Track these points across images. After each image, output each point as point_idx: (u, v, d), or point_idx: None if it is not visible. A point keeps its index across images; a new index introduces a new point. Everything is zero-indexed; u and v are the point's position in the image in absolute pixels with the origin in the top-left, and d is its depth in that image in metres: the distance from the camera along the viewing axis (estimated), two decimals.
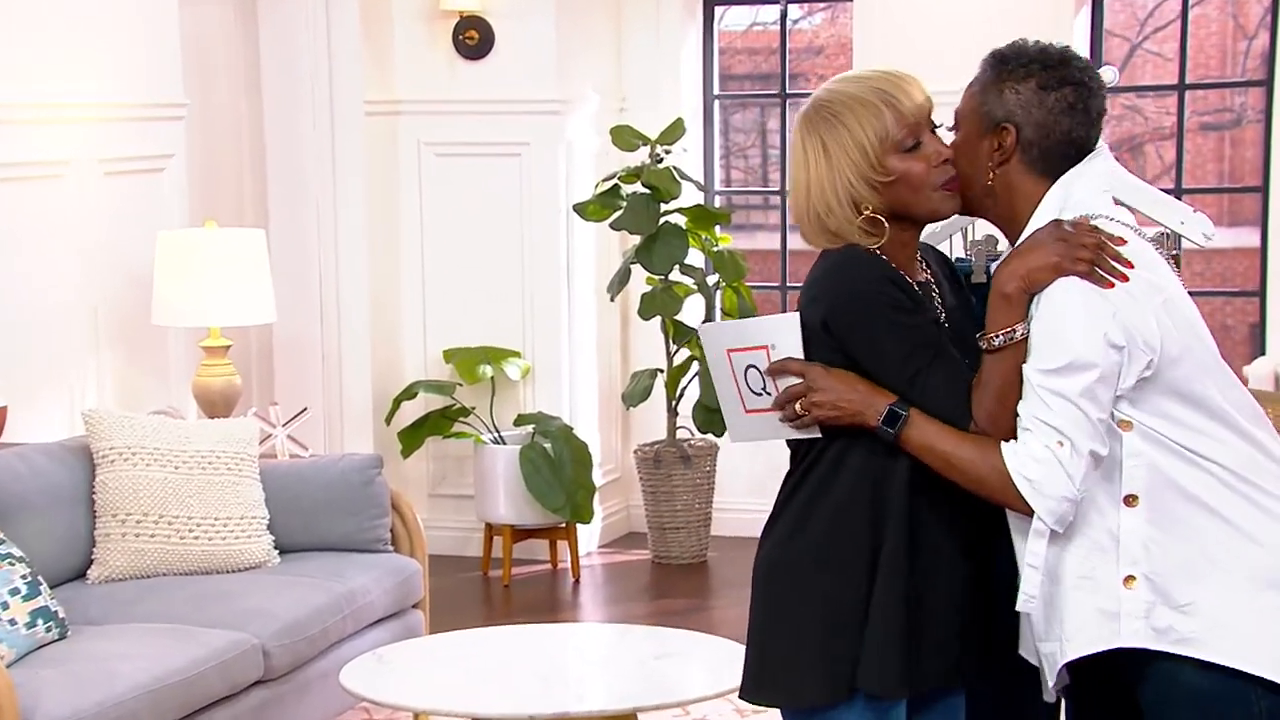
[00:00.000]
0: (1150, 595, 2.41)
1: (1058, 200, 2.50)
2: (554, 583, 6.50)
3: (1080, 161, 2.52)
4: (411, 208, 6.78)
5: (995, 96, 2.52)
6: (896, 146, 2.50)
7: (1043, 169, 2.51)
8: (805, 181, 2.54)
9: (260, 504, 4.66)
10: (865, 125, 2.50)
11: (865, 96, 2.51)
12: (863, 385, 2.49)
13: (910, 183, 2.51)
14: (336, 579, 4.52)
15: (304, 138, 6.19)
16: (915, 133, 2.52)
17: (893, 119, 2.50)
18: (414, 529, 4.91)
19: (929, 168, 2.52)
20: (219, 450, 4.62)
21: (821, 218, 2.54)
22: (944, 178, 2.53)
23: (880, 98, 2.51)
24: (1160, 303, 2.41)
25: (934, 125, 2.56)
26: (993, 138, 2.51)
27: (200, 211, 5.66)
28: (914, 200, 2.52)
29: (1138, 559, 2.41)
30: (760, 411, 2.56)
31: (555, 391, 6.72)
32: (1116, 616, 2.41)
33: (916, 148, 2.51)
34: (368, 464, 4.85)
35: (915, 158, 2.51)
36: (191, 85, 5.67)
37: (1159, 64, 11.04)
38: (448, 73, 6.72)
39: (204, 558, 4.51)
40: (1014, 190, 2.52)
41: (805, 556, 2.54)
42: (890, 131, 2.50)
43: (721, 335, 2.59)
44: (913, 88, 2.54)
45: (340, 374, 6.30)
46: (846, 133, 2.50)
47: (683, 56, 7.14)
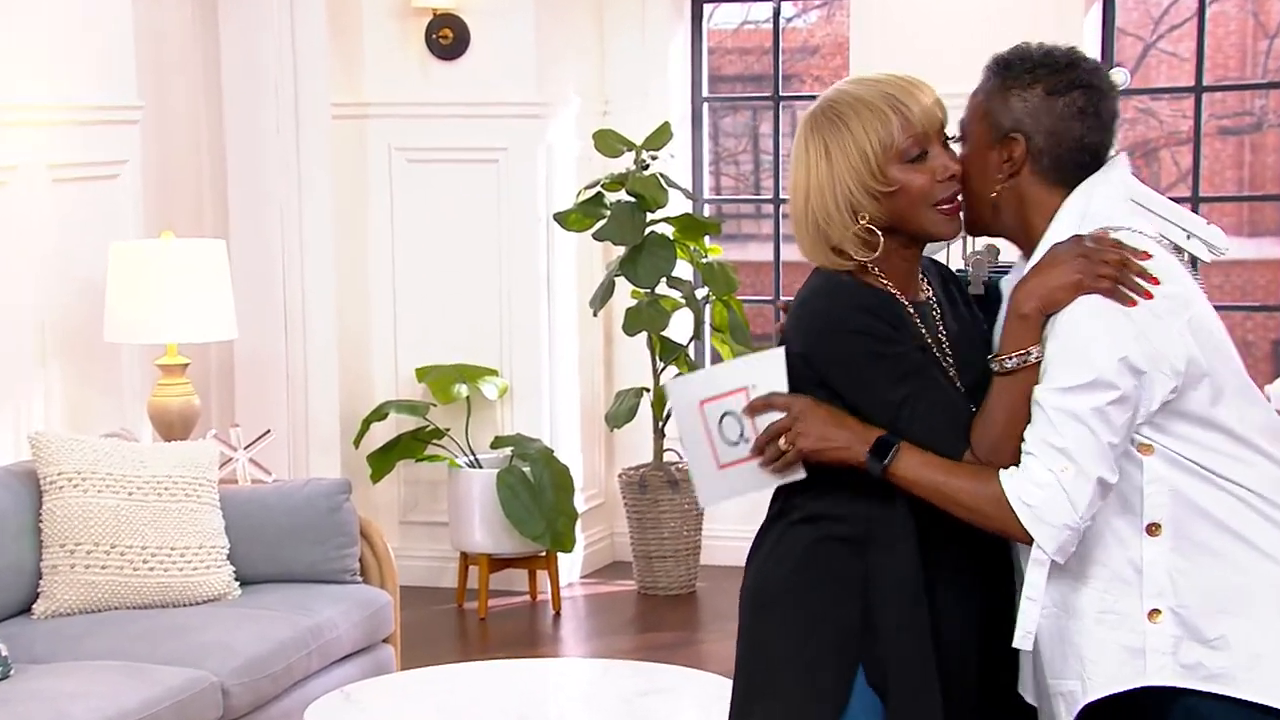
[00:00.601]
0: (1177, 630, 2.40)
1: (1077, 211, 2.49)
2: (533, 615, 6.49)
3: (1096, 168, 2.51)
4: (382, 217, 6.77)
5: (1001, 104, 2.52)
6: (900, 156, 2.50)
7: (1056, 179, 2.50)
8: (805, 185, 2.54)
9: (220, 532, 4.64)
10: (869, 130, 2.50)
11: (873, 100, 2.51)
12: (850, 419, 2.49)
13: (910, 195, 2.51)
14: (301, 612, 4.50)
15: (267, 142, 6.18)
16: (922, 143, 2.51)
17: (899, 126, 2.50)
18: (384, 558, 4.90)
19: (932, 182, 2.52)
20: (176, 475, 4.60)
21: (820, 225, 2.54)
22: (947, 194, 2.53)
23: (888, 103, 2.51)
24: (1186, 320, 2.40)
25: (946, 138, 2.56)
26: (1001, 148, 2.51)
27: (156, 221, 5.65)
28: (912, 215, 2.52)
29: (1163, 591, 2.40)
30: (736, 463, 2.56)
31: (535, 412, 6.71)
32: (1141, 653, 2.40)
33: (921, 159, 2.51)
34: (335, 489, 4.84)
35: (919, 170, 2.51)
36: (146, 86, 5.66)
37: (1174, 64, 11.08)
38: (420, 73, 6.72)
39: (159, 590, 4.48)
40: (1026, 202, 2.51)
41: (787, 584, 2.54)
42: (895, 139, 2.50)
43: (691, 387, 2.59)
44: (925, 95, 2.54)
45: (306, 394, 6.28)
46: (850, 136, 2.50)
47: (670, 56, 7.14)
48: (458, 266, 6.73)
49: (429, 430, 6.56)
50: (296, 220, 6.24)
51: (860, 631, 2.51)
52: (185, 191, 6.15)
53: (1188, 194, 7.02)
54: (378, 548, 4.90)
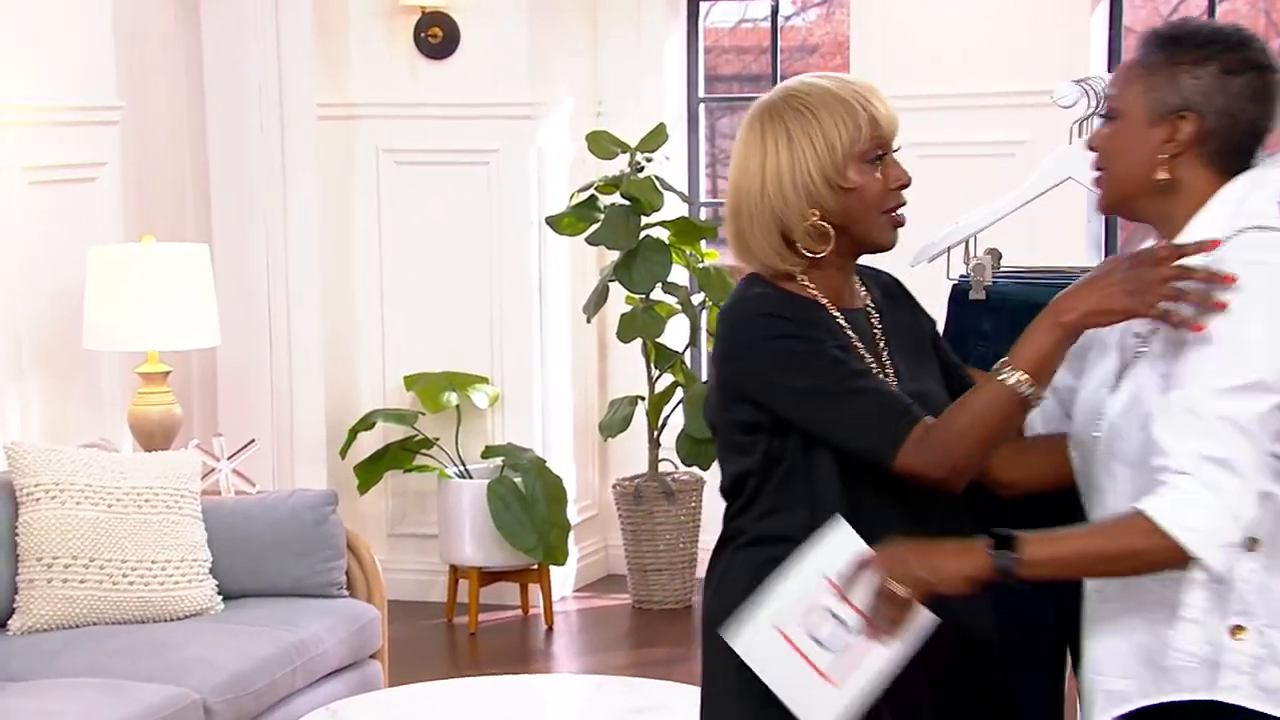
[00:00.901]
0: (1260, 650, 2.34)
1: (1233, 202, 2.40)
2: (525, 630, 6.48)
3: (1254, 159, 2.43)
4: (369, 220, 6.76)
5: (1168, 81, 2.41)
6: (863, 155, 2.53)
7: (1219, 164, 2.42)
8: (760, 173, 2.54)
9: (202, 545, 4.63)
10: (840, 124, 2.52)
11: (844, 95, 2.53)
12: (943, 544, 2.39)
13: (865, 197, 2.53)
14: (286, 627, 4.50)
15: (251, 144, 6.17)
16: (883, 147, 2.54)
17: (867, 124, 2.52)
18: (371, 572, 4.90)
19: (886, 189, 2.54)
20: (157, 487, 4.60)
21: (777, 213, 2.53)
22: (897, 202, 2.56)
23: (859, 100, 2.53)
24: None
25: (895, 148, 2.58)
26: (1166, 127, 2.42)
27: (136, 225, 5.64)
28: (862, 217, 2.54)
29: (1252, 610, 2.34)
30: (851, 660, 2.38)
31: (526, 421, 6.70)
32: (1215, 666, 2.34)
33: (879, 163, 2.54)
34: (321, 501, 4.84)
35: (876, 173, 2.54)
36: (126, 85, 5.66)
37: None
38: (409, 73, 6.71)
39: (139, 605, 4.48)
40: (1179, 186, 2.43)
41: (740, 609, 2.51)
42: (861, 137, 2.52)
43: (762, 629, 2.41)
44: (885, 102, 2.56)
45: (291, 402, 6.28)
46: (818, 127, 2.52)
47: (665, 56, 7.14)
48: (447, 271, 6.72)
49: (418, 440, 6.55)
50: (281, 224, 6.23)
51: None
52: (166, 194, 6.13)
53: None
54: (365, 561, 4.90)
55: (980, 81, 6.41)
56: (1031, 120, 6.16)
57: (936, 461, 2.42)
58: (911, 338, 2.65)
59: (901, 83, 6.55)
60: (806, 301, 2.56)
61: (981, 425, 2.41)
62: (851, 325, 2.57)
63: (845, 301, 2.60)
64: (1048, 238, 6.00)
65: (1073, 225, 6.39)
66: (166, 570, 4.52)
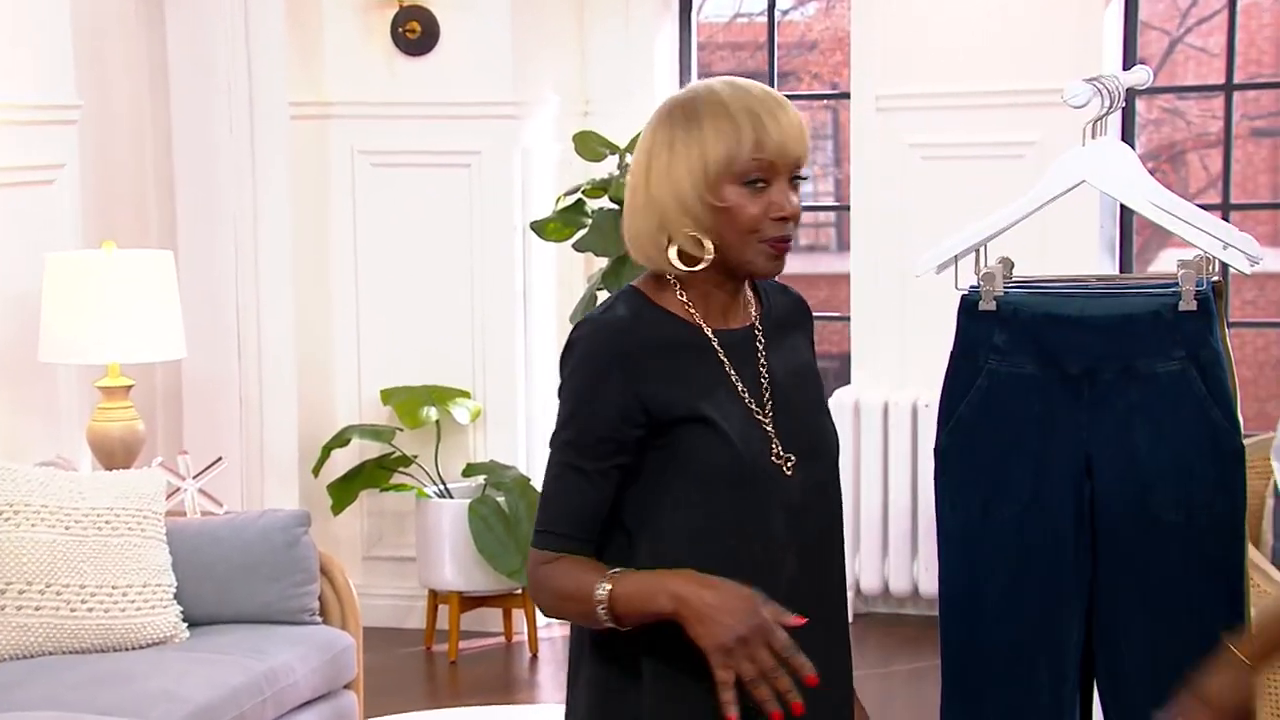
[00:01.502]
0: None
1: None
2: (508, 658, 6.47)
3: None
4: (344, 225, 6.76)
5: None
6: (740, 176, 2.48)
7: None
8: (645, 172, 2.53)
9: (166, 569, 4.62)
10: (720, 138, 2.47)
11: (734, 109, 2.48)
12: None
13: (737, 221, 2.48)
14: (255, 656, 4.48)
15: (219, 145, 6.16)
16: (766, 172, 2.48)
17: (750, 146, 2.46)
18: (346, 597, 4.89)
19: (765, 216, 2.48)
20: (118, 507, 4.58)
21: (659, 214, 2.51)
22: (777, 233, 2.49)
23: (749, 118, 2.48)
24: None
25: (798, 177, 2.53)
26: None
27: (96, 230, 5.63)
28: (735, 241, 2.49)
29: None
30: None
31: (510, 437, 6.70)
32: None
33: (762, 188, 2.48)
34: (292, 522, 4.82)
35: (756, 198, 2.48)
36: (86, 84, 5.64)
37: (1203, 61, 11.09)
38: (386, 70, 6.70)
39: (99, 634, 4.46)
40: None
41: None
42: (740, 157, 2.47)
43: None
44: (788, 124, 2.49)
45: (260, 418, 6.27)
46: (699, 136, 2.48)
47: (656, 52, 7.14)
48: (426, 279, 6.71)
49: (395, 457, 6.54)
50: (251, 229, 6.22)
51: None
52: (128, 198, 6.12)
53: (1218, 200, 7.02)
54: (339, 585, 4.88)
55: (988, 79, 6.42)
56: (1041, 121, 6.17)
57: (532, 592, 2.52)
58: (795, 365, 2.62)
59: (905, 80, 6.57)
60: (675, 321, 2.53)
61: (560, 605, 2.48)
62: (727, 347, 2.55)
63: (728, 320, 2.57)
64: (1060, 245, 6.01)
65: (1086, 231, 6.40)
66: (128, 596, 4.51)
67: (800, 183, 2.52)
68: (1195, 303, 3.12)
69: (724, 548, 2.46)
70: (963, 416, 3.22)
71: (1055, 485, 3.17)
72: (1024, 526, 3.18)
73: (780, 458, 2.51)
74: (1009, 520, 3.19)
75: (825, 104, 10.93)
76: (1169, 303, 3.15)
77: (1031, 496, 3.18)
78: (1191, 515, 3.13)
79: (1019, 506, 3.18)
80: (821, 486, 2.55)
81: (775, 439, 2.51)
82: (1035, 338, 3.19)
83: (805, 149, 2.50)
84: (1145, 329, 3.15)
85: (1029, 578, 3.19)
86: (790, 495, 2.50)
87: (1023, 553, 3.18)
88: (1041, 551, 3.17)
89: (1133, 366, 3.14)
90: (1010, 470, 3.19)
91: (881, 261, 6.70)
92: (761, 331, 2.60)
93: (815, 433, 2.56)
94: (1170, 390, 3.13)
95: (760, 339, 2.59)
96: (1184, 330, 3.13)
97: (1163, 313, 3.15)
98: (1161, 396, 3.13)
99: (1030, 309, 3.21)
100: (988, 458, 3.20)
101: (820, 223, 11.90)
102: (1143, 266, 8.38)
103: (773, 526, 2.49)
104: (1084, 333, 3.17)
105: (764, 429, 2.51)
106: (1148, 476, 3.13)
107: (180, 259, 5.83)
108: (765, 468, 2.49)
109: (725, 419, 2.48)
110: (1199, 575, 3.14)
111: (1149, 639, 3.15)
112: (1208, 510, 3.13)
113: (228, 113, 6.16)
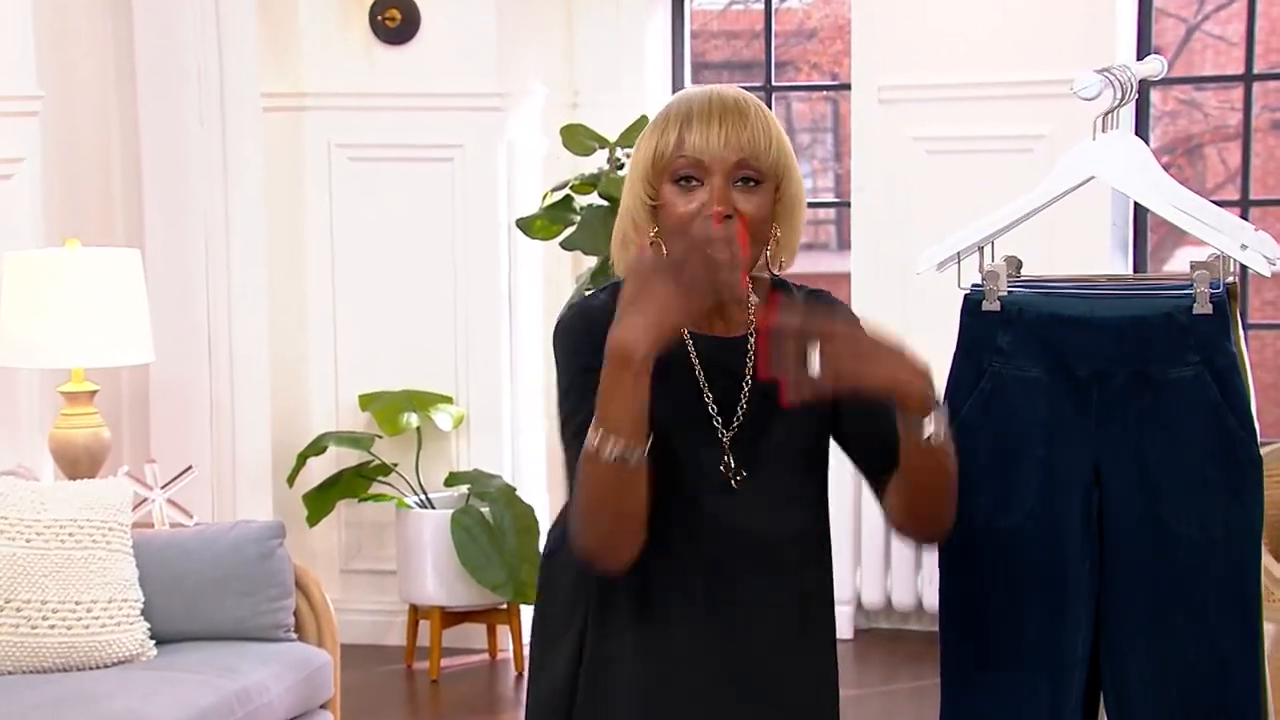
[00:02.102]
0: None
1: None
2: (492, 676, 6.48)
3: None
4: (320, 223, 6.76)
5: None
6: (671, 174, 2.61)
7: None
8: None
9: (133, 584, 4.62)
10: (653, 137, 2.63)
11: (671, 111, 2.63)
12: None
13: (669, 217, 2.61)
14: (227, 675, 4.48)
15: (188, 137, 6.16)
16: (695, 170, 2.59)
17: (673, 144, 2.59)
18: (322, 612, 4.90)
19: (694, 214, 2.58)
20: (82, 519, 4.58)
21: (626, 221, 2.68)
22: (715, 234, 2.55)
23: (679, 118, 2.61)
24: None
25: (744, 178, 2.60)
26: None
27: (59, 227, 5.62)
28: (671, 241, 2.59)
29: None
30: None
31: (494, 445, 6.70)
32: None
33: (692, 186, 2.59)
34: (266, 534, 4.83)
35: (689, 196, 2.60)
36: (48, 73, 5.64)
37: (1221, 50, 11.10)
38: (364, 60, 6.71)
39: (62, 652, 4.46)
40: None
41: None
42: (666, 155, 2.60)
43: None
44: (722, 126, 2.58)
45: (232, 425, 6.26)
46: (647, 134, 2.65)
47: (647, 41, 7.15)
48: (407, 279, 6.72)
49: (374, 466, 6.54)
50: (222, 227, 6.22)
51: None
52: (93, 194, 6.12)
53: (1236, 196, 7.03)
54: (315, 600, 4.89)
55: (995, 70, 6.43)
56: (1050, 113, 6.17)
57: (576, 548, 2.54)
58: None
59: (908, 70, 6.57)
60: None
61: (589, 503, 2.49)
62: (703, 354, 2.62)
63: (712, 326, 2.64)
64: (1069, 243, 6.02)
65: (1097, 229, 6.40)
66: (92, 612, 4.50)
67: (753, 186, 2.59)
68: (1210, 305, 3.12)
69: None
70: (964, 420, 3.22)
71: (1062, 494, 3.17)
72: (1028, 538, 3.18)
73: (729, 470, 2.58)
74: (1013, 531, 3.19)
75: (824, 95, 10.94)
76: (1182, 305, 3.15)
77: (1036, 506, 3.18)
78: (1205, 527, 3.13)
79: (1023, 516, 3.18)
80: (775, 501, 2.62)
81: (729, 453, 2.59)
82: (1041, 339, 3.19)
83: (747, 153, 2.58)
84: (1157, 332, 3.15)
85: (1033, 592, 3.19)
86: (734, 512, 2.59)
87: (1027, 565, 3.18)
88: (1047, 564, 3.17)
89: (1144, 371, 3.14)
90: (1014, 478, 3.19)
91: (883, 260, 6.70)
92: (750, 345, 2.65)
93: (783, 450, 2.61)
94: (1183, 396, 3.13)
95: (750, 350, 2.64)
96: (1198, 334, 3.13)
97: (1176, 315, 3.15)
98: (1174, 403, 3.13)
99: (1036, 309, 3.21)
100: (990, 465, 3.20)
101: (819, 220, 11.90)
102: (1157, 266, 8.40)
103: (704, 545, 2.59)
104: (1093, 335, 3.17)
105: (718, 444, 2.59)
106: (1159, 486, 3.13)
107: (148, 258, 5.82)
108: (705, 486, 2.58)
109: (675, 431, 2.56)
110: (1211, 589, 3.14)
111: (1158, 656, 3.15)
112: (1222, 522, 3.13)
113: (198, 103, 6.16)
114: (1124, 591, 3.16)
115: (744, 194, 2.57)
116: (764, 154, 2.58)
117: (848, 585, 6.69)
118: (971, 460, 3.23)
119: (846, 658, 6.46)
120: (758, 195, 2.59)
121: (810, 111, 11.33)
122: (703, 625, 2.59)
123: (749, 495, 2.59)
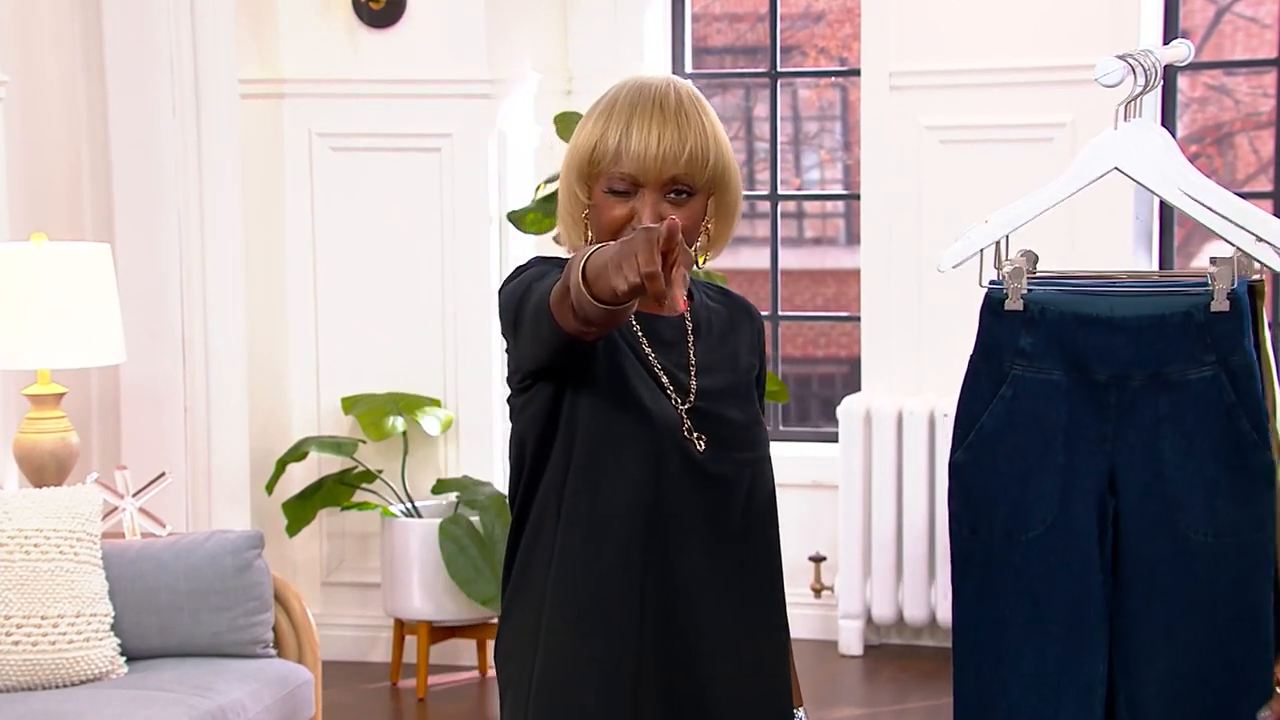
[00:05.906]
0: None
1: None
2: (481, 695, 6.48)
3: None
4: (301, 216, 6.76)
5: None
6: (604, 183, 2.64)
7: None
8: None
9: (103, 597, 4.62)
10: (590, 130, 2.65)
11: (617, 106, 2.65)
12: None
13: (599, 221, 2.65)
14: (202, 693, 4.49)
15: (161, 128, 6.16)
16: (629, 182, 2.62)
17: (610, 154, 2.62)
18: (303, 627, 4.91)
19: (626, 223, 2.62)
20: (49, 529, 4.59)
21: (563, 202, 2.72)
22: None
23: (622, 122, 2.63)
24: None
25: (679, 191, 2.63)
26: None
27: (24, 222, 5.63)
28: (599, 240, 2.63)
29: None
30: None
31: (484, 450, 6.71)
32: None
33: (624, 195, 2.63)
34: (244, 544, 4.84)
35: (621, 203, 2.63)
36: (11, 60, 5.65)
37: (1253, 32, 11.10)
38: (347, 45, 6.71)
39: (27, 669, 4.46)
40: None
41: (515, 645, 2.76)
42: (602, 160, 2.63)
43: None
44: (654, 136, 2.61)
45: (208, 429, 6.26)
46: (586, 122, 2.67)
47: (646, 24, 7.15)
48: (392, 276, 6.72)
49: (357, 472, 6.54)
50: (197, 221, 6.22)
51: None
52: (60, 186, 6.12)
53: (1269, 188, 7.03)
54: (295, 614, 4.90)
55: (1012, 55, 6.43)
56: (1071, 101, 6.18)
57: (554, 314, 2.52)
58: (727, 366, 2.75)
59: (920, 57, 6.58)
60: None
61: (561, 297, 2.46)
62: (645, 326, 2.69)
63: (651, 306, 2.67)
64: (1090, 237, 6.02)
65: (1120, 222, 6.40)
66: (59, 628, 4.51)
67: (685, 198, 2.64)
68: (1227, 302, 3.13)
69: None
70: (985, 427, 3.22)
71: (1080, 503, 3.17)
72: (1049, 549, 3.19)
73: (691, 434, 2.65)
74: (1033, 543, 3.20)
75: (833, 82, 10.94)
76: (1201, 302, 3.15)
77: (1057, 516, 3.19)
78: (1219, 534, 3.14)
79: (1044, 528, 3.19)
80: (737, 469, 2.68)
81: (687, 420, 2.65)
82: (1063, 340, 3.19)
83: (683, 169, 2.61)
84: (1176, 331, 3.16)
85: (1053, 607, 3.20)
86: (704, 466, 2.65)
87: (1047, 579, 3.19)
88: (1067, 577, 3.18)
89: (1162, 373, 3.15)
90: (1036, 488, 3.19)
91: (895, 255, 6.71)
92: (691, 324, 2.74)
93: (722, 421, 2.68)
94: (1201, 399, 3.14)
95: (689, 331, 2.73)
96: (1215, 332, 3.14)
97: (1194, 314, 3.15)
98: (1190, 405, 3.14)
99: (1058, 308, 3.22)
100: (1010, 474, 3.21)
101: (828, 213, 11.90)
102: (1184, 262, 8.40)
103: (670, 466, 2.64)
104: (1113, 335, 3.18)
105: (676, 410, 2.66)
106: (1175, 492, 3.14)
107: (118, 253, 5.83)
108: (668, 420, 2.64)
109: (634, 379, 2.63)
110: (1225, 600, 3.15)
111: (1174, 667, 3.16)
112: (1234, 529, 3.14)
113: (170, 91, 6.16)
114: (1139, 602, 3.17)
115: (675, 205, 2.63)
116: (700, 170, 2.63)
117: (857, 598, 6.69)
118: (991, 470, 3.24)
119: (855, 675, 6.48)
120: (689, 207, 2.64)
121: (818, 99, 11.34)
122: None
123: (710, 455, 2.67)
